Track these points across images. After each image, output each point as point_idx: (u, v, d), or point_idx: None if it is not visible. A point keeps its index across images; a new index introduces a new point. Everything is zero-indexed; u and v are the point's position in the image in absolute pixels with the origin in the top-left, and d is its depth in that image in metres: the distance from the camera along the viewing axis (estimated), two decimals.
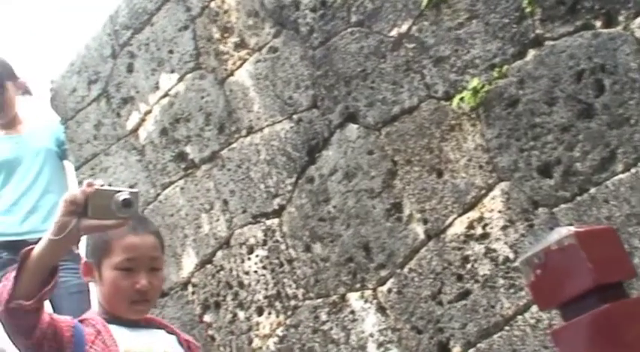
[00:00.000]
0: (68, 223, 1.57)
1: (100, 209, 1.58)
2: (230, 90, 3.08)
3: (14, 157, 3.67)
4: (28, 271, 1.59)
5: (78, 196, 1.58)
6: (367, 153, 2.65)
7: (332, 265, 2.74)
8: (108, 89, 3.61)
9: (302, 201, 2.84)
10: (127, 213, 1.60)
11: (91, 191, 1.58)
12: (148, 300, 1.82)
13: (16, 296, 1.58)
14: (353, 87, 2.68)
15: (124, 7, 3.51)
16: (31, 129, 3.80)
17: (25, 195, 3.62)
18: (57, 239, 1.58)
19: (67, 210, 1.58)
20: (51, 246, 1.59)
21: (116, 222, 1.62)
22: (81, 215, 1.58)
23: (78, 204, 1.58)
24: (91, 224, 1.59)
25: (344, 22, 2.70)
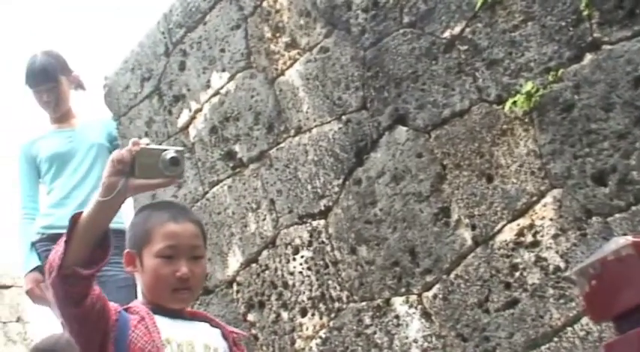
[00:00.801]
0: (116, 183, 1.56)
1: (147, 168, 1.56)
2: (280, 89, 3.06)
3: (67, 151, 3.71)
4: (78, 235, 1.57)
5: (125, 155, 1.56)
6: (416, 156, 2.60)
7: (377, 268, 2.70)
8: (160, 87, 3.63)
9: (348, 203, 2.80)
10: (174, 171, 1.58)
11: (137, 150, 1.56)
12: (190, 289, 1.79)
13: (68, 262, 1.55)
14: (403, 88, 2.64)
15: (178, 5, 3.53)
16: (84, 124, 3.84)
17: (77, 188, 3.66)
18: (106, 200, 1.56)
19: (114, 170, 1.56)
20: (100, 208, 1.57)
21: (163, 181, 1.60)
22: (128, 175, 1.56)
23: (125, 163, 1.56)
24: (138, 183, 1.57)
25: (396, 22, 2.66)
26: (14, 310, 6.09)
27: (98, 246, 1.60)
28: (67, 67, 3.85)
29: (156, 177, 1.57)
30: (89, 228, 1.58)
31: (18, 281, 4.50)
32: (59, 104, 3.78)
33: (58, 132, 3.78)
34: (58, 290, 1.59)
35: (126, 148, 1.57)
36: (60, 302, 1.61)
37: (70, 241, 1.56)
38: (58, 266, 1.56)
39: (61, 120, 3.82)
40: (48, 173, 3.73)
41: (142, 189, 1.62)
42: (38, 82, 3.74)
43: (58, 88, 3.76)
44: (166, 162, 1.56)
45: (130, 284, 3.50)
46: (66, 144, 3.73)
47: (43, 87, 3.74)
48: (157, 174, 1.57)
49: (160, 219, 1.78)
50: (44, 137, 3.80)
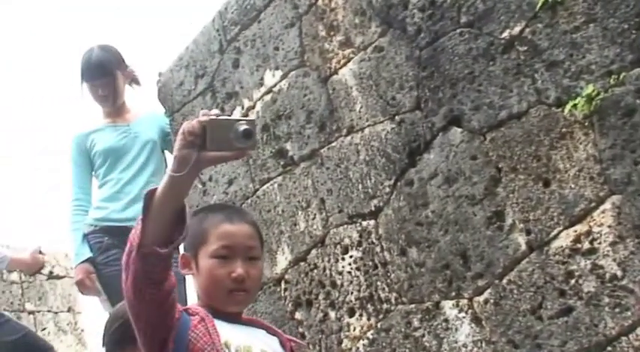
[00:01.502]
0: (188, 156, 1.49)
1: (218, 140, 1.49)
2: (333, 88, 3.04)
3: (121, 146, 3.74)
4: (154, 212, 1.53)
5: (196, 127, 1.49)
6: (470, 159, 2.56)
7: (427, 271, 2.66)
8: (214, 84, 3.64)
9: (400, 204, 2.77)
10: (246, 143, 1.51)
11: (208, 121, 1.49)
12: (247, 290, 1.75)
13: (147, 241, 1.52)
14: (459, 89, 2.59)
15: (234, 3, 3.53)
16: (138, 120, 3.87)
17: (130, 183, 3.70)
18: (179, 175, 1.50)
19: (186, 143, 1.50)
20: (173, 182, 1.52)
21: (236, 153, 1.54)
22: (200, 147, 1.49)
23: (196, 135, 1.49)
24: (211, 156, 1.51)
25: (453, 22, 2.61)
26: (66, 300, 6.20)
27: (175, 224, 1.54)
28: (123, 61, 3.88)
29: (228, 149, 1.51)
30: (164, 204, 1.52)
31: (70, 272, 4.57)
32: (114, 98, 3.81)
33: (112, 127, 3.81)
34: (138, 270, 1.55)
35: (196, 120, 1.50)
36: (139, 283, 1.56)
37: (147, 219, 1.53)
38: (138, 244, 1.52)
39: (115, 115, 3.85)
40: (102, 167, 3.76)
41: (214, 161, 1.56)
42: (94, 76, 3.77)
43: (113, 82, 3.78)
44: (239, 133, 1.49)
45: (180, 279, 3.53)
46: (121, 139, 3.76)
47: (98, 81, 3.77)
48: (229, 146, 1.50)
49: (215, 220, 1.75)
50: (99, 130, 3.82)
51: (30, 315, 6.07)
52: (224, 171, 3.55)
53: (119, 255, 3.74)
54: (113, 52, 3.85)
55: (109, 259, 3.56)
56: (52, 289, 6.02)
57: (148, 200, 1.53)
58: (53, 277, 5.66)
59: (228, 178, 3.53)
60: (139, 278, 1.55)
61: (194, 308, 1.74)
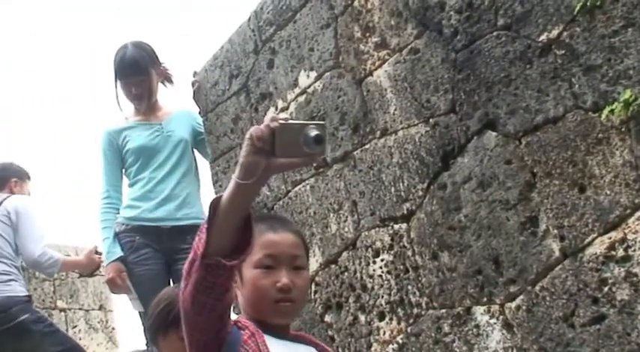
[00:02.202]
0: (256, 163, 1.44)
1: (287, 145, 1.44)
2: (367, 90, 3.08)
3: (154, 145, 3.77)
4: (219, 221, 1.47)
5: (265, 132, 1.43)
6: (505, 163, 2.57)
7: (459, 276, 2.68)
8: (248, 84, 3.70)
9: (432, 208, 2.79)
10: (316, 149, 1.45)
11: (277, 126, 1.43)
12: (293, 301, 1.70)
13: (211, 251, 1.47)
14: (494, 93, 2.61)
15: (269, 3, 3.59)
16: (170, 118, 3.89)
17: (162, 183, 3.72)
18: (246, 182, 1.44)
19: (253, 149, 1.43)
20: (239, 190, 1.46)
21: (305, 160, 1.50)
22: (268, 153, 1.44)
23: (265, 140, 1.43)
24: (280, 162, 1.46)
25: (490, 25, 2.64)
26: (97, 298, 6.31)
27: (240, 233, 1.50)
28: (157, 59, 3.90)
29: (297, 156, 1.46)
30: (229, 213, 1.47)
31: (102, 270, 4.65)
32: (148, 97, 3.83)
33: (145, 125, 3.84)
34: (199, 280, 1.50)
35: (264, 124, 1.45)
36: (200, 293, 1.51)
37: (211, 228, 1.48)
38: (202, 254, 1.48)
39: (147, 112, 3.87)
40: (133, 165, 3.78)
41: (282, 168, 1.50)
42: (128, 75, 3.79)
43: (147, 80, 3.81)
44: (309, 139, 1.43)
45: None
46: (153, 137, 3.79)
47: (132, 79, 3.79)
48: (298, 153, 1.45)
49: (258, 230, 1.67)
50: (131, 128, 3.84)
51: (61, 313, 6.19)
52: None
53: (150, 254, 3.80)
54: (147, 50, 3.87)
55: (141, 258, 3.62)
56: (83, 287, 6.13)
57: (212, 208, 1.48)
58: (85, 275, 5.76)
59: None
60: (201, 288, 1.51)
61: (244, 322, 1.69)
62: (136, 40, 3.90)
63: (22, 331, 3.68)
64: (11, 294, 3.73)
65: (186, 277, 1.53)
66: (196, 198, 3.83)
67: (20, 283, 3.92)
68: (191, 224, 3.68)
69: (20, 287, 3.89)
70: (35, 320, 3.80)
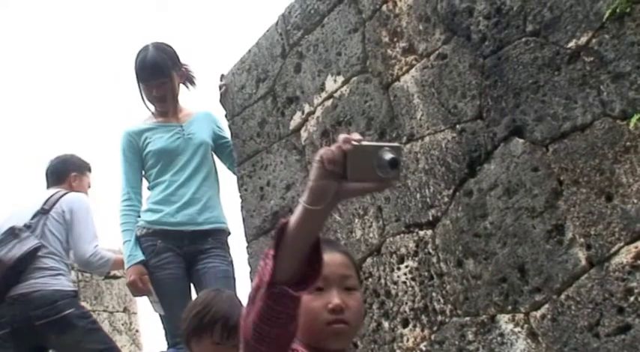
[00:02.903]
0: (327, 188, 1.37)
1: (360, 169, 1.37)
2: (394, 95, 3.12)
3: (175, 147, 3.78)
4: (286, 247, 1.41)
5: (337, 154, 1.36)
6: (531, 170, 2.59)
7: (484, 283, 2.70)
8: (275, 88, 3.75)
9: (458, 215, 2.82)
10: (391, 173, 1.37)
11: (350, 148, 1.36)
12: (346, 322, 1.65)
13: (278, 279, 1.41)
14: (522, 99, 2.63)
15: (297, 7, 3.64)
16: (191, 120, 3.90)
17: (183, 186, 3.73)
18: (316, 208, 1.38)
19: (324, 172, 1.37)
20: (308, 216, 1.39)
21: (379, 185, 1.41)
22: (339, 177, 1.37)
23: (337, 163, 1.36)
24: (353, 187, 1.38)
25: (519, 31, 2.66)
26: (121, 300, 6.39)
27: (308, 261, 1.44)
28: (178, 61, 3.90)
29: (370, 180, 1.38)
30: (297, 239, 1.41)
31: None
32: (169, 99, 3.85)
33: (165, 127, 3.84)
34: (265, 309, 1.45)
35: (335, 145, 1.38)
36: (264, 322, 1.46)
37: (278, 254, 1.42)
38: (268, 283, 1.42)
39: (168, 114, 3.88)
40: (154, 168, 3.79)
41: (354, 193, 1.43)
42: (149, 78, 3.81)
43: (168, 83, 3.82)
44: (384, 162, 1.36)
45: (229, 276, 3.63)
46: (174, 140, 3.79)
47: (153, 82, 3.81)
48: (372, 176, 1.37)
49: None
50: (151, 129, 3.84)
51: None
52: (282, 176, 3.66)
53: (172, 259, 3.83)
54: (168, 52, 3.87)
55: (162, 262, 3.64)
56: (108, 289, 6.22)
57: (279, 233, 1.43)
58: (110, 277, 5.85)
59: (286, 183, 3.64)
60: (265, 317, 1.46)
61: (301, 349, 1.63)
62: (157, 42, 3.90)
63: (66, 325, 3.75)
64: (59, 288, 3.80)
65: (250, 305, 1.49)
66: (217, 201, 3.86)
67: (68, 278, 4.00)
68: (212, 228, 3.73)
69: (68, 282, 3.97)
70: (80, 315, 3.87)
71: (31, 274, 3.83)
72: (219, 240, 3.76)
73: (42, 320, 3.73)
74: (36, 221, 3.97)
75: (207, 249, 3.68)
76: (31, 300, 3.77)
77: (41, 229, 3.96)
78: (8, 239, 3.89)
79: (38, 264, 3.86)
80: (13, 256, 3.81)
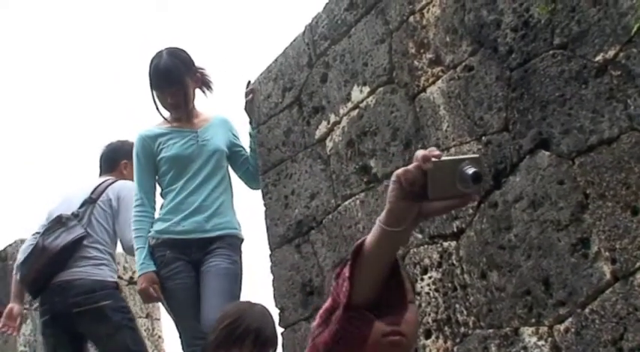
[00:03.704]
0: (407, 210, 1.33)
1: (441, 186, 1.31)
2: (420, 106, 3.15)
3: (188, 154, 3.77)
4: (362, 268, 1.38)
5: (416, 174, 1.31)
6: (557, 183, 2.61)
7: (507, 296, 2.72)
8: (301, 97, 3.80)
9: (482, 226, 2.84)
10: (474, 188, 1.32)
11: (430, 167, 1.30)
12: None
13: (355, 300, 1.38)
14: (549, 112, 2.66)
15: (324, 17, 3.69)
16: (206, 126, 3.88)
17: (193, 194, 3.72)
18: (396, 230, 1.33)
19: (402, 193, 1.32)
20: (387, 238, 1.35)
21: (462, 201, 1.35)
22: (419, 197, 1.32)
23: (417, 183, 1.31)
24: (435, 207, 1.33)
25: (546, 43, 2.68)
26: (144, 306, 6.45)
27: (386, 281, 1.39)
28: (192, 67, 3.88)
29: (452, 196, 1.32)
30: (373, 261, 1.37)
31: None
32: (184, 105, 3.83)
33: (180, 132, 3.82)
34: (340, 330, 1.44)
35: (414, 165, 1.32)
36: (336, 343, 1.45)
37: (355, 275, 1.38)
38: (345, 305, 1.40)
39: (182, 119, 3.86)
40: (166, 174, 3.78)
41: (437, 213, 1.37)
42: (162, 85, 3.79)
43: (182, 90, 3.80)
44: (466, 177, 1.30)
45: (229, 273, 3.58)
46: (188, 146, 3.78)
47: (167, 90, 3.79)
48: (453, 193, 1.32)
49: None
50: (166, 134, 3.82)
51: None
52: (307, 185, 3.70)
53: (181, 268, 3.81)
54: (182, 58, 3.84)
55: (172, 273, 3.64)
56: (131, 295, 6.27)
57: (355, 253, 1.39)
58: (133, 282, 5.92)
59: (311, 192, 3.68)
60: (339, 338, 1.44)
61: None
62: (172, 47, 3.87)
63: (101, 316, 3.78)
64: (99, 278, 3.83)
65: (321, 324, 1.47)
66: (229, 208, 3.84)
67: (111, 269, 4.03)
68: (220, 234, 3.70)
69: (110, 273, 4.00)
70: (116, 308, 3.90)
71: (75, 262, 3.87)
72: (226, 242, 3.72)
73: (79, 307, 3.78)
74: (84, 210, 4.02)
75: (213, 249, 3.66)
76: (71, 288, 3.82)
77: (88, 218, 4.00)
78: (55, 227, 3.95)
79: (83, 252, 3.90)
80: (58, 244, 3.87)
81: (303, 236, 3.72)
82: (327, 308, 1.47)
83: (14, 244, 6.32)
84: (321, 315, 1.49)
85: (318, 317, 1.50)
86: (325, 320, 1.47)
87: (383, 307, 1.41)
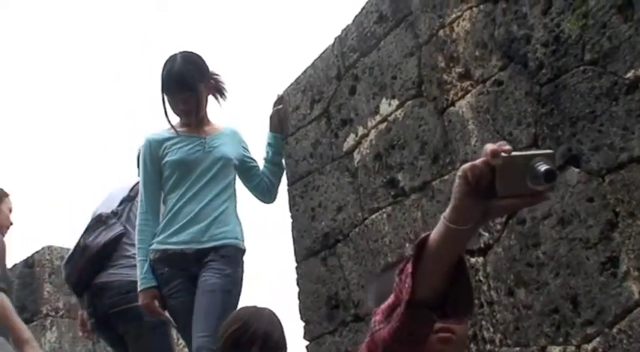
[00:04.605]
0: (474, 207, 1.28)
1: (510, 183, 1.26)
2: (449, 120, 3.16)
3: (193, 159, 3.63)
4: (425, 265, 1.34)
5: (484, 170, 1.26)
6: (587, 200, 2.61)
7: (535, 314, 2.72)
8: (329, 109, 3.84)
9: (510, 243, 2.84)
10: (546, 186, 1.25)
11: (499, 163, 1.25)
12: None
13: (418, 296, 1.35)
14: (579, 128, 2.66)
15: (354, 30, 3.73)
16: (216, 134, 3.76)
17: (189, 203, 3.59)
18: (462, 228, 1.29)
19: (470, 189, 1.27)
20: (452, 236, 1.31)
21: (532, 199, 1.29)
22: (486, 194, 1.27)
23: (484, 179, 1.26)
24: (503, 205, 1.28)
25: (577, 59, 2.69)
26: None
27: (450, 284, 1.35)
28: (206, 73, 3.76)
29: (521, 194, 1.26)
30: (436, 258, 1.33)
31: None
32: (195, 112, 3.71)
33: (187, 138, 3.70)
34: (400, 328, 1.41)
35: (481, 160, 1.27)
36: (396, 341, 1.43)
37: (417, 272, 1.35)
38: (406, 302, 1.37)
39: (192, 125, 3.74)
40: (169, 180, 3.67)
41: (505, 210, 1.33)
42: (174, 91, 3.67)
43: (194, 96, 3.68)
44: (539, 174, 1.24)
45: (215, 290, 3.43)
46: (194, 152, 3.66)
47: (179, 95, 3.67)
48: (523, 190, 1.25)
49: None
50: (172, 139, 3.71)
51: None
52: (334, 198, 3.73)
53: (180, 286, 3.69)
54: (196, 64, 3.73)
55: (172, 291, 3.56)
56: None
57: (418, 249, 1.36)
58: None
59: (337, 205, 3.70)
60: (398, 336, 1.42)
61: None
62: (186, 52, 3.77)
63: (133, 316, 3.76)
64: (134, 279, 3.76)
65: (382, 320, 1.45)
66: (230, 216, 3.67)
67: None
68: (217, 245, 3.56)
69: None
70: None
71: (114, 262, 3.89)
72: (219, 254, 3.56)
73: (116, 308, 3.81)
74: (122, 207, 4.04)
75: (206, 262, 3.52)
76: (109, 289, 3.84)
77: (127, 216, 4.01)
78: (96, 225, 3.98)
79: (122, 251, 3.92)
80: (99, 242, 3.90)
81: (329, 249, 3.74)
82: (390, 305, 1.43)
83: (41, 251, 6.40)
84: (383, 311, 1.46)
85: (380, 313, 1.47)
86: (387, 317, 1.44)
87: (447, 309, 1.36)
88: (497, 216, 1.41)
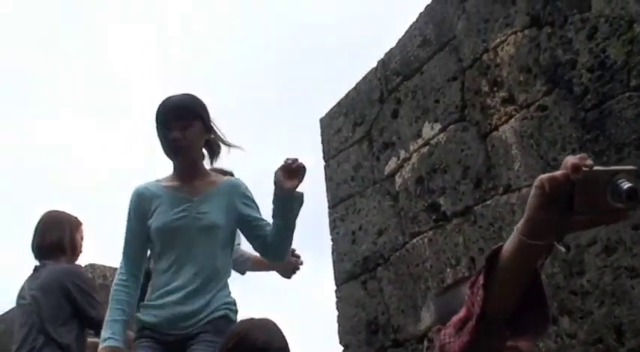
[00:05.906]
0: (549, 222, 1.24)
1: (589, 199, 1.22)
2: (492, 145, 3.17)
3: (175, 227, 3.04)
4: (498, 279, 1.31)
5: (563, 183, 1.22)
6: (632, 228, 2.59)
7: (579, 343, 2.70)
8: (371, 132, 3.87)
9: (554, 270, 2.83)
10: (628, 205, 1.21)
11: (579, 177, 1.21)
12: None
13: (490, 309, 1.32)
14: (625, 154, 2.65)
15: (397, 53, 3.76)
16: (207, 194, 3.08)
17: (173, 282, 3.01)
18: (535, 243, 1.25)
19: (546, 202, 1.23)
20: (526, 250, 1.27)
21: (612, 217, 1.25)
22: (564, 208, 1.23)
23: (563, 193, 1.22)
24: (580, 221, 1.24)
25: (622, 85, 2.68)
26: None
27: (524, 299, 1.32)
28: (207, 111, 3.09)
29: (600, 211, 1.23)
30: (509, 270, 1.30)
31: None
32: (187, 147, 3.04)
33: (174, 198, 3.07)
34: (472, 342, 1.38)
35: (561, 172, 1.23)
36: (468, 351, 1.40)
37: (489, 285, 1.32)
38: (478, 315, 1.33)
39: (183, 178, 3.09)
40: (154, 249, 3.14)
41: (582, 226, 1.26)
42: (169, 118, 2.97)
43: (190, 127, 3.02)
44: (620, 191, 1.21)
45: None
46: (178, 218, 3.05)
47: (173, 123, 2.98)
48: (603, 207, 1.22)
49: None
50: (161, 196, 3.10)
51: None
52: (374, 221, 3.74)
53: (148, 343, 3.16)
54: (197, 98, 3.11)
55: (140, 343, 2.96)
56: None
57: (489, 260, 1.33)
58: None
59: (378, 228, 3.72)
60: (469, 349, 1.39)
61: None
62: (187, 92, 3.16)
63: None
64: None
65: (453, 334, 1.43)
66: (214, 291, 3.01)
67: None
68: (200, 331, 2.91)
69: None
70: None
71: None
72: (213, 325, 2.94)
73: None
74: None
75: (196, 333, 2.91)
76: None
77: None
78: None
79: None
80: None
81: (369, 272, 3.76)
82: (461, 318, 1.40)
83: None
84: (455, 324, 1.43)
85: (452, 326, 1.43)
86: (457, 330, 1.41)
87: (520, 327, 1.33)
88: (572, 231, 1.28)
